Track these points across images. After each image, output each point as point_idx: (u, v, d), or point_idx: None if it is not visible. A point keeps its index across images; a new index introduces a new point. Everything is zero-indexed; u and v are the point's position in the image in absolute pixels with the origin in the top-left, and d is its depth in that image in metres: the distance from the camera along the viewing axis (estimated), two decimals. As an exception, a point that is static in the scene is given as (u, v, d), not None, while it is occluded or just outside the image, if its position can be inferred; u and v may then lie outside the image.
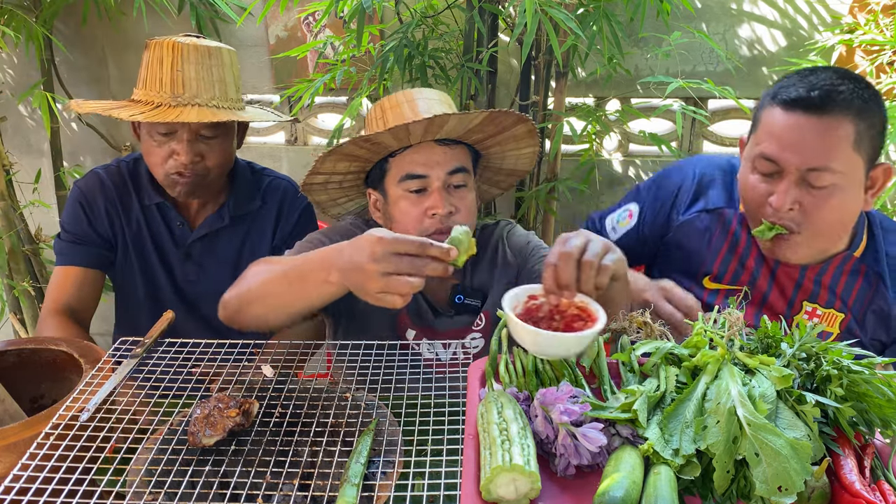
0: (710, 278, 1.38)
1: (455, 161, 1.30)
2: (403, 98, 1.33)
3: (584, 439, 0.82)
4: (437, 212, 1.27)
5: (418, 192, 1.29)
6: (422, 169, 1.28)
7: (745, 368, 0.87)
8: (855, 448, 0.83)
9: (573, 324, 0.96)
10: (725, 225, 1.38)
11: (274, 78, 2.43)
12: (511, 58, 2.26)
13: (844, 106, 1.12)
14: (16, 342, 1.17)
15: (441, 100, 1.36)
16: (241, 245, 1.62)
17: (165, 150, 1.45)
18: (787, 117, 1.16)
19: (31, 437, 0.89)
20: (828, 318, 1.33)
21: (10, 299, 2.44)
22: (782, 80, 1.21)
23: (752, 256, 1.36)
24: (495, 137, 1.36)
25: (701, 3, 2.17)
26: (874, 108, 1.16)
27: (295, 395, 1.05)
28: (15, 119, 2.58)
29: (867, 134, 1.15)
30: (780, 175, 1.19)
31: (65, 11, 2.36)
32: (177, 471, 0.88)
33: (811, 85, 1.15)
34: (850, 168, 1.15)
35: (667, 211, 1.45)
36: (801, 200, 1.17)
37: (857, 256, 1.32)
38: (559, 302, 0.98)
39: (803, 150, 1.14)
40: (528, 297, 1.01)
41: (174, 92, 1.40)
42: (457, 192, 1.31)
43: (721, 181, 1.42)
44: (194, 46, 1.42)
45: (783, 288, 1.35)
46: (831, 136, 1.13)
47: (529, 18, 1.51)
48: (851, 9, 2.11)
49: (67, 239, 1.57)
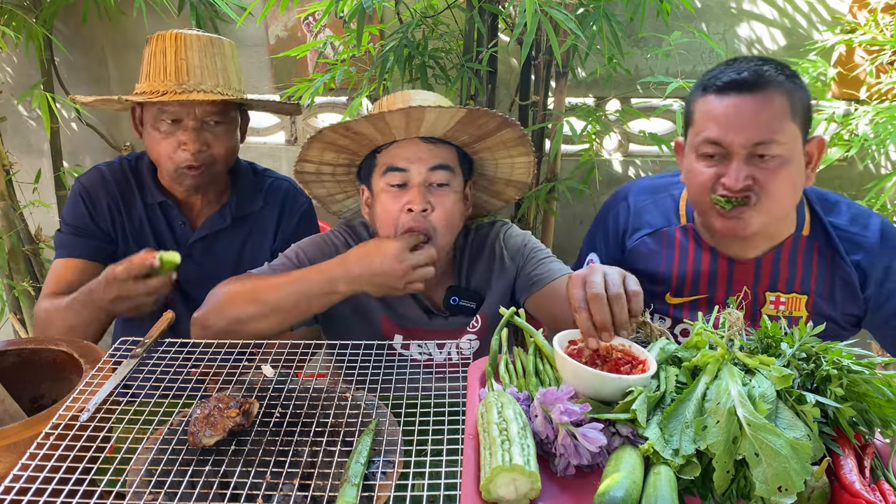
0: (670, 294, 1.41)
1: (438, 158, 1.30)
2: (401, 97, 1.33)
3: (584, 439, 0.82)
4: (412, 206, 1.27)
5: (399, 187, 1.29)
6: (403, 162, 1.29)
7: (744, 368, 0.87)
8: (855, 448, 0.83)
9: (620, 367, 0.94)
10: (669, 242, 1.41)
11: (274, 78, 2.43)
12: (511, 58, 2.26)
13: (774, 81, 1.19)
14: (16, 342, 1.17)
15: (438, 101, 1.35)
16: (241, 246, 1.62)
17: (172, 142, 1.45)
18: (723, 101, 1.21)
19: (31, 437, 0.89)
20: (792, 303, 1.35)
21: (10, 299, 2.44)
22: (705, 74, 1.27)
23: (706, 263, 1.38)
24: (483, 141, 1.35)
25: (701, 2, 2.17)
26: (798, 83, 1.22)
27: (295, 395, 1.05)
28: (15, 119, 2.58)
29: (799, 105, 1.20)
30: (726, 158, 1.22)
31: (65, 11, 2.36)
32: (177, 471, 0.88)
33: (739, 69, 1.21)
34: (792, 138, 1.20)
35: (620, 246, 1.48)
36: (753, 175, 1.20)
37: (805, 235, 1.34)
38: (598, 346, 0.97)
39: (747, 128, 1.18)
40: (569, 342, 0.99)
41: (179, 80, 1.41)
42: (438, 190, 1.30)
43: (653, 203, 1.46)
44: (196, 36, 1.44)
45: (743, 285, 1.36)
46: (770, 110, 1.18)
47: (529, 18, 1.51)
48: (851, 7, 2.11)
49: (68, 231, 1.55)
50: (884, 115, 1.89)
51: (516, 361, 1.06)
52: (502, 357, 1.06)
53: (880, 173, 2.26)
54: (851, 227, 1.33)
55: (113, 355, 1.11)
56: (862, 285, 1.32)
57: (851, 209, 1.36)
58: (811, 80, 2.02)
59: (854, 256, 1.32)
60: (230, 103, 1.50)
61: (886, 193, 1.88)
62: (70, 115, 2.55)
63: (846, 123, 2.02)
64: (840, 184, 2.29)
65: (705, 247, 1.38)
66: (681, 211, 1.42)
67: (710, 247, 1.37)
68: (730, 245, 1.35)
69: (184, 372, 1.08)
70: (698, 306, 1.38)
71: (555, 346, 0.94)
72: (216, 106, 1.46)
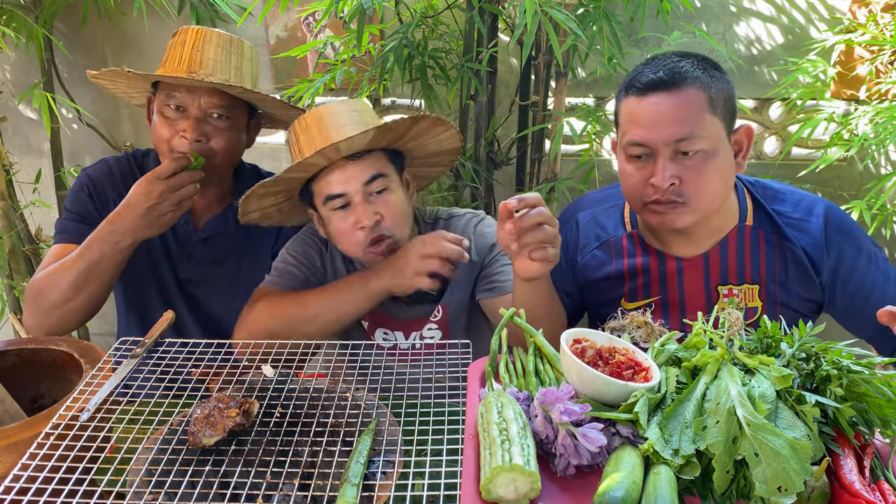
0: (625, 300, 1.42)
1: (370, 170, 1.32)
2: (313, 120, 1.34)
3: (584, 439, 0.82)
4: (364, 225, 1.32)
5: (343, 208, 1.34)
6: (339, 188, 1.32)
7: (744, 368, 0.87)
8: (855, 448, 0.83)
9: (622, 371, 0.94)
10: (618, 250, 1.43)
11: (274, 78, 2.43)
12: (511, 58, 2.26)
13: (690, 77, 1.21)
14: (16, 342, 1.17)
15: (349, 115, 1.34)
16: (242, 246, 1.62)
17: (173, 128, 1.45)
18: (643, 102, 1.23)
19: (31, 437, 0.89)
20: (746, 294, 1.35)
21: (11, 299, 2.44)
22: (629, 74, 1.29)
23: (654, 266, 1.39)
24: (403, 139, 1.37)
25: (700, 2, 2.17)
26: (717, 76, 1.23)
27: (295, 395, 1.05)
28: (15, 119, 2.58)
29: (719, 97, 1.22)
30: (652, 157, 1.24)
31: (65, 11, 2.36)
32: (177, 471, 0.88)
33: (656, 68, 1.23)
34: (714, 131, 1.21)
35: (572, 264, 1.49)
36: (678, 174, 1.22)
37: (750, 225, 1.35)
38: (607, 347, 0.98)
39: (667, 125, 1.20)
40: (574, 340, 0.99)
41: (191, 68, 1.42)
42: (379, 197, 1.34)
43: (600, 215, 1.48)
44: (218, 33, 1.47)
45: (694, 283, 1.37)
46: (688, 106, 1.20)
47: (529, 18, 1.51)
48: (850, 6, 2.11)
49: (69, 217, 1.54)
50: (884, 115, 1.89)
51: (516, 361, 1.06)
52: (502, 357, 1.06)
53: (880, 173, 2.26)
54: (795, 213, 1.34)
55: (113, 355, 1.11)
56: (815, 270, 1.33)
57: (794, 196, 1.37)
58: (811, 79, 2.02)
59: (801, 242, 1.32)
60: (237, 102, 1.50)
61: (886, 193, 1.88)
62: (70, 115, 2.55)
63: (846, 123, 2.02)
64: (840, 184, 2.29)
65: (651, 250, 1.39)
66: (626, 218, 1.44)
67: (656, 250, 1.39)
68: (675, 244, 1.36)
69: (184, 372, 1.08)
70: (654, 309, 1.38)
71: (562, 346, 0.94)
72: (221, 99, 1.46)
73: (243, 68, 1.50)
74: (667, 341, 0.99)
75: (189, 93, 1.44)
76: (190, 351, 1.13)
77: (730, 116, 1.25)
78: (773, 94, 2.17)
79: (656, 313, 1.37)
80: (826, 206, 1.35)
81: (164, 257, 1.60)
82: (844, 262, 1.32)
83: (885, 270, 1.34)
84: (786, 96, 2.12)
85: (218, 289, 1.63)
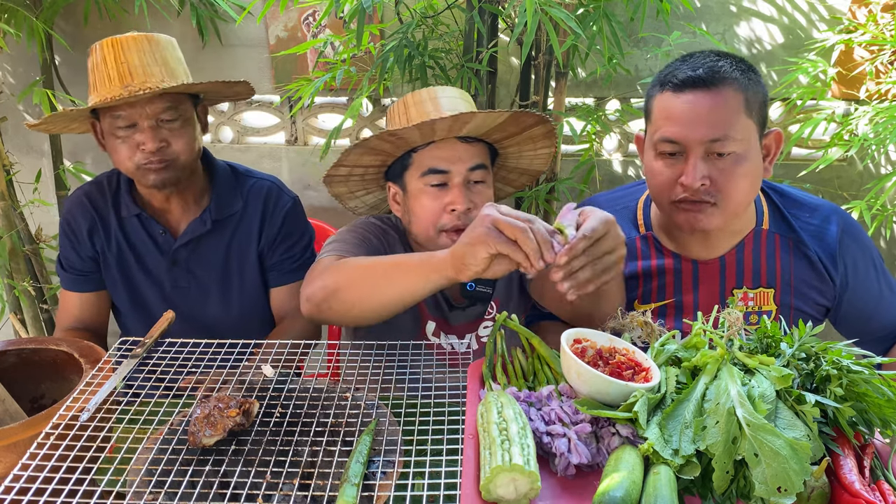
0: (638, 302, 1.41)
1: (476, 158, 1.33)
2: (427, 95, 1.35)
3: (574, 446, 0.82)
4: (456, 207, 1.30)
5: (439, 187, 1.32)
6: (444, 164, 1.31)
7: (744, 368, 0.87)
8: (854, 448, 0.83)
9: (622, 371, 0.94)
10: (631, 252, 1.41)
11: (274, 78, 2.43)
12: (511, 58, 2.26)
13: (729, 78, 1.19)
14: (16, 342, 1.17)
15: (462, 98, 1.38)
16: (227, 248, 1.60)
17: (131, 144, 1.44)
18: (679, 98, 1.21)
19: (31, 437, 0.89)
20: (760, 298, 1.35)
21: (11, 299, 2.44)
22: (663, 69, 1.27)
23: (669, 268, 1.38)
24: (515, 137, 1.38)
25: (700, 2, 2.17)
26: (754, 78, 1.22)
27: (295, 395, 1.05)
28: (15, 119, 2.58)
29: (754, 101, 1.21)
30: (684, 155, 1.22)
31: (65, 10, 2.36)
32: (177, 471, 0.88)
33: (695, 65, 1.21)
34: (747, 134, 1.20)
35: None
36: (710, 174, 1.21)
37: (766, 229, 1.35)
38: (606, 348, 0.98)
39: (703, 125, 1.19)
40: (574, 340, 1.00)
41: (123, 83, 1.40)
42: (476, 187, 1.33)
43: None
44: (132, 38, 1.43)
45: (709, 286, 1.36)
46: (725, 106, 1.18)
47: (529, 18, 1.50)
48: (851, 6, 2.11)
49: (60, 266, 1.61)
50: (884, 115, 1.89)
51: (515, 361, 1.06)
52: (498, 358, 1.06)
53: (880, 173, 2.26)
54: (812, 220, 1.34)
55: (113, 355, 1.11)
56: (829, 277, 1.33)
57: (811, 202, 1.37)
58: (811, 79, 2.02)
59: (817, 248, 1.33)
60: (182, 97, 1.48)
61: (886, 193, 1.88)
62: (70, 114, 2.55)
63: (846, 123, 2.01)
64: (840, 184, 2.29)
65: (667, 252, 1.38)
66: (639, 220, 1.43)
67: (671, 252, 1.38)
68: (692, 247, 1.36)
69: (184, 372, 1.08)
70: (667, 311, 1.38)
71: (562, 346, 0.94)
72: (167, 101, 1.43)
73: (169, 60, 1.46)
74: (667, 341, 0.99)
75: (132, 107, 1.41)
76: (190, 351, 1.13)
77: (763, 120, 1.24)
78: (773, 94, 2.17)
79: (670, 316, 1.37)
80: (841, 214, 1.35)
81: (145, 271, 1.59)
82: (856, 271, 1.33)
83: (889, 282, 1.36)
84: (786, 96, 2.12)
85: (207, 293, 1.61)
